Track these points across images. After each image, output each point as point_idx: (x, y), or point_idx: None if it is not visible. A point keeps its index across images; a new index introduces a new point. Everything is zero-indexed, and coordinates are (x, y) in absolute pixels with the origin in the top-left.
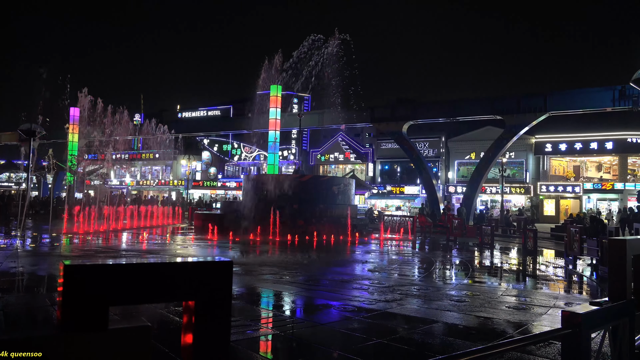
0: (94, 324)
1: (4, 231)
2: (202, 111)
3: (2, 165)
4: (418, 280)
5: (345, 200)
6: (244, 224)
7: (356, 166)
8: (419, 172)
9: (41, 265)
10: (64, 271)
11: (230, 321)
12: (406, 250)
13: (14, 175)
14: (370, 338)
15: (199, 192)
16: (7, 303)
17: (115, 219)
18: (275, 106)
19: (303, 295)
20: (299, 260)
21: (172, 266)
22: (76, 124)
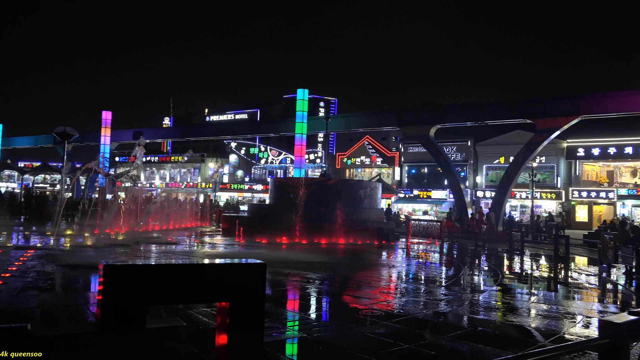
0: (132, 323)
1: (39, 231)
2: (230, 115)
3: (38, 167)
4: (446, 286)
5: (372, 204)
6: (271, 227)
7: (383, 170)
8: (447, 176)
9: (74, 265)
10: (103, 271)
11: (263, 323)
12: (433, 255)
13: (49, 177)
14: (396, 343)
15: (227, 195)
16: (43, 301)
17: (145, 220)
18: (303, 110)
19: (329, 298)
20: (324, 263)
21: (207, 267)
22: (108, 126)
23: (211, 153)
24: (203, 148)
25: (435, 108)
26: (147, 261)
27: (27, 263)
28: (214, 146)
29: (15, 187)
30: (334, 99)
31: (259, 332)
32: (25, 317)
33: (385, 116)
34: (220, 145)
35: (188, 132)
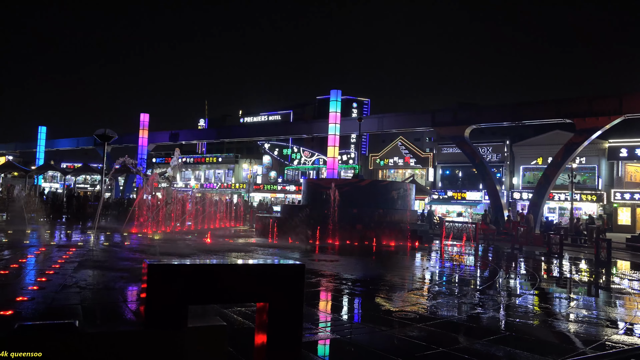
0: (175, 322)
1: (79, 230)
2: (263, 116)
3: (79, 168)
4: (481, 289)
5: (405, 206)
6: (303, 228)
7: (416, 171)
8: (482, 177)
9: (113, 263)
10: (147, 270)
11: (302, 323)
12: (468, 257)
13: (89, 177)
14: (430, 346)
15: (260, 195)
16: (84, 298)
17: (180, 220)
18: (335, 111)
19: (361, 299)
20: (357, 264)
21: (248, 268)
22: (146, 128)
23: (245, 154)
24: (237, 149)
25: (471, 108)
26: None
27: (68, 261)
28: (247, 147)
29: (58, 187)
30: (367, 99)
31: (298, 332)
32: (67, 314)
33: (419, 116)
34: (253, 147)
35: (223, 133)
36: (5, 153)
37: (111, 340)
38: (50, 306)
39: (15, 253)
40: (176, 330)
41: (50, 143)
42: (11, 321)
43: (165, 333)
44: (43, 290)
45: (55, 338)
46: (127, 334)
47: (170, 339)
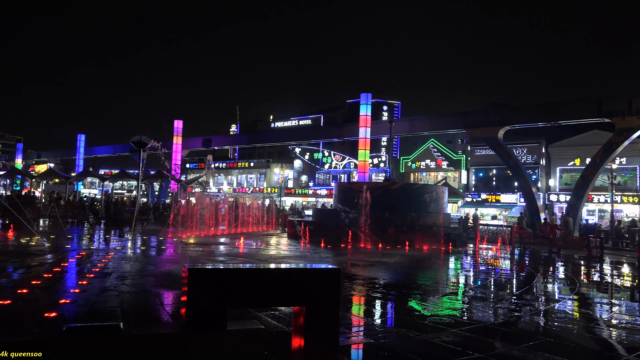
0: (214, 325)
1: (117, 234)
2: (294, 121)
3: (116, 175)
4: (518, 294)
5: (438, 209)
6: (335, 231)
7: (448, 173)
8: (517, 179)
9: (150, 267)
10: (188, 274)
11: (339, 327)
12: (504, 261)
13: (126, 183)
14: (465, 352)
15: (291, 200)
16: (123, 301)
17: (214, 225)
18: (366, 114)
19: (394, 303)
20: (390, 268)
21: (285, 271)
22: (179, 135)
23: (276, 159)
24: (268, 154)
25: (504, 109)
26: (221, 265)
27: (107, 265)
28: (278, 152)
29: (96, 193)
30: (398, 102)
31: (334, 336)
32: (107, 316)
33: (450, 118)
34: (284, 151)
35: (254, 138)
36: (47, 161)
37: (154, 342)
38: (91, 309)
39: (57, 257)
40: (216, 333)
41: (89, 150)
42: (55, 323)
43: (205, 336)
44: (84, 293)
45: (102, 340)
46: (168, 337)
47: (211, 341)
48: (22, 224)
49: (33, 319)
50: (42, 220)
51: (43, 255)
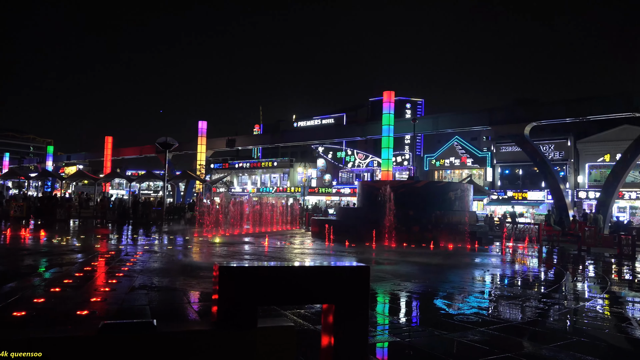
0: (245, 322)
1: (144, 234)
2: (317, 120)
3: (143, 175)
4: (546, 293)
5: (463, 207)
6: (359, 230)
7: (473, 171)
8: (544, 176)
9: (176, 266)
10: (218, 272)
11: (367, 325)
12: (531, 259)
13: (152, 184)
14: (493, 351)
15: (315, 199)
16: (152, 299)
17: (239, 224)
18: (389, 112)
19: (419, 302)
20: (415, 266)
21: (314, 269)
22: (204, 135)
23: (299, 158)
24: (291, 153)
25: (530, 105)
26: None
27: (135, 264)
28: (302, 151)
29: (124, 194)
30: (421, 99)
31: (363, 333)
32: (137, 314)
33: (475, 115)
34: (308, 150)
35: (277, 138)
36: (76, 163)
37: (187, 339)
38: (121, 307)
39: (87, 256)
40: (247, 331)
41: (117, 152)
42: (87, 320)
43: (237, 333)
44: (114, 292)
45: (137, 336)
46: (201, 333)
47: (242, 338)
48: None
49: (66, 316)
50: (72, 221)
51: (74, 254)
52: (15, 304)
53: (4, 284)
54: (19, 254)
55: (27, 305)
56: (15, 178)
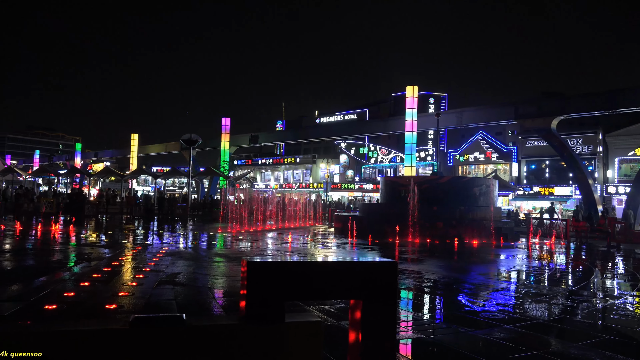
0: (273, 317)
1: (170, 230)
2: (339, 115)
3: (168, 172)
4: (574, 290)
5: (488, 202)
6: (382, 226)
7: (498, 166)
8: (572, 171)
9: (202, 261)
10: (247, 267)
11: (396, 321)
12: (558, 256)
13: (177, 180)
14: (518, 348)
15: (337, 195)
16: (177, 294)
17: (262, 220)
18: (412, 107)
19: (443, 299)
20: (439, 262)
21: (342, 265)
22: (227, 132)
23: (322, 154)
24: (314, 149)
25: (557, 98)
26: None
27: (161, 259)
28: (324, 147)
29: (149, 190)
30: (444, 94)
31: (392, 329)
32: (163, 308)
33: (500, 109)
34: (330, 146)
35: (300, 134)
36: (104, 160)
37: (215, 333)
38: (148, 301)
39: (114, 252)
40: (275, 325)
41: (142, 149)
42: (116, 314)
43: (265, 328)
44: (140, 287)
45: (168, 330)
46: (230, 327)
47: (270, 333)
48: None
49: (96, 310)
50: (100, 216)
51: (102, 249)
52: (47, 298)
53: (35, 278)
54: (49, 249)
55: (57, 299)
56: (46, 175)
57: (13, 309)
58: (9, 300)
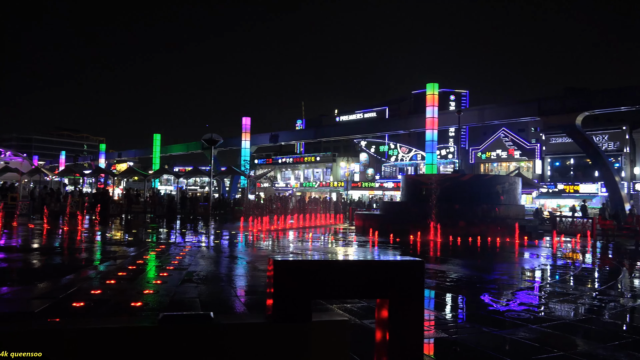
0: (300, 316)
1: (193, 229)
2: (359, 114)
3: (190, 171)
4: (601, 289)
5: (511, 200)
6: (403, 225)
7: (521, 163)
8: (598, 168)
9: (223, 260)
10: (273, 266)
11: (423, 321)
12: (584, 255)
13: (199, 180)
14: (544, 348)
15: (358, 193)
16: (201, 292)
17: (283, 218)
18: (433, 104)
19: (466, 298)
20: (461, 261)
21: (368, 264)
22: (248, 131)
23: (342, 152)
24: (334, 148)
25: (582, 94)
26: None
27: (184, 258)
28: (344, 145)
29: (172, 189)
30: (465, 91)
31: (419, 329)
32: (187, 306)
33: (523, 106)
34: (350, 145)
35: (320, 132)
36: (127, 160)
37: (242, 332)
38: (172, 299)
39: (138, 250)
40: (302, 324)
41: (164, 149)
42: (141, 311)
43: (292, 326)
44: (165, 285)
45: (196, 327)
46: (257, 326)
47: (297, 332)
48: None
49: (122, 307)
50: (124, 215)
51: (126, 248)
52: (74, 295)
53: (63, 275)
54: (75, 248)
55: (85, 297)
56: (71, 175)
57: (42, 306)
58: (38, 298)
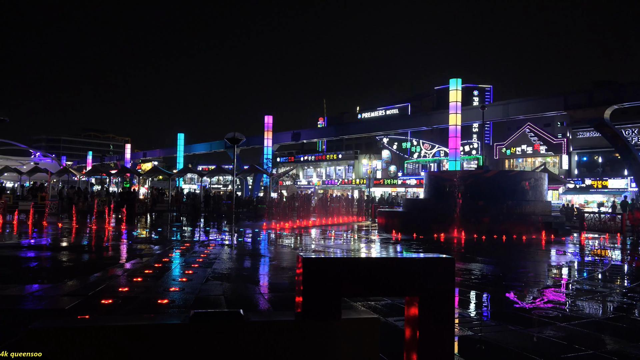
0: (329, 313)
1: (217, 227)
2: (381, 111)
3: (213, 170)
4: (631, 287)
5: (537, 196)
6: (427, 222)
7: (547, 159)
8: (627, 162)
9: (247, 258)
10: (303, 264)
11: (454, 319)
12: (613, 252)
13: (222, 178)
14: (572, 346)
15: (380, 190)
16: (226, 290)
17: (306, 216)
18: (456, 100)
19: (491, 295)
20: (487, 258)
21: (398, 261)
22: (270, 130)
23: (364, 150)
24: (356, 145)
25: (610, 87)
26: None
27: (209, 256)
28: (366, 143)
29: (195, 188)
30: (489, 86)
31: (450, 327)
32: (213, 303)
33: (548, 100)
34: (372, 142)
35: (341, 130)
36: (152, 159)
37: (272, 329)
38: (198, 296)
39: (164, 248)
40: (332, 322)
41: (188, 148)
42: (168, 308)
43: (322, 324)
44: (190, 282)
45: (227, 325)
46: (288, 323)
47: (327, 329)
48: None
49: (149, 304)
50: (149, 214)
51: (152, 246)
52: (103, 293)
53: (90, 273)
54: (102, 246)
55: (113, 294)
56: (98, 175)
57: (72, 303)
58: (68, 295)
